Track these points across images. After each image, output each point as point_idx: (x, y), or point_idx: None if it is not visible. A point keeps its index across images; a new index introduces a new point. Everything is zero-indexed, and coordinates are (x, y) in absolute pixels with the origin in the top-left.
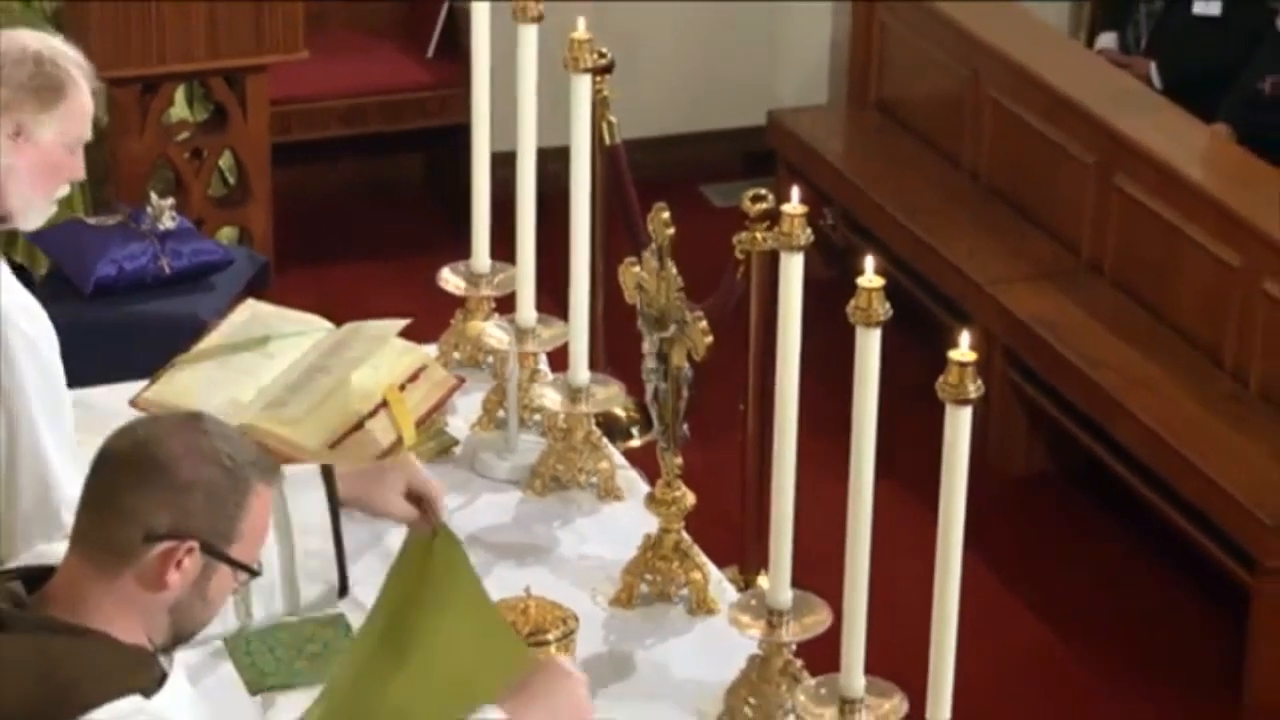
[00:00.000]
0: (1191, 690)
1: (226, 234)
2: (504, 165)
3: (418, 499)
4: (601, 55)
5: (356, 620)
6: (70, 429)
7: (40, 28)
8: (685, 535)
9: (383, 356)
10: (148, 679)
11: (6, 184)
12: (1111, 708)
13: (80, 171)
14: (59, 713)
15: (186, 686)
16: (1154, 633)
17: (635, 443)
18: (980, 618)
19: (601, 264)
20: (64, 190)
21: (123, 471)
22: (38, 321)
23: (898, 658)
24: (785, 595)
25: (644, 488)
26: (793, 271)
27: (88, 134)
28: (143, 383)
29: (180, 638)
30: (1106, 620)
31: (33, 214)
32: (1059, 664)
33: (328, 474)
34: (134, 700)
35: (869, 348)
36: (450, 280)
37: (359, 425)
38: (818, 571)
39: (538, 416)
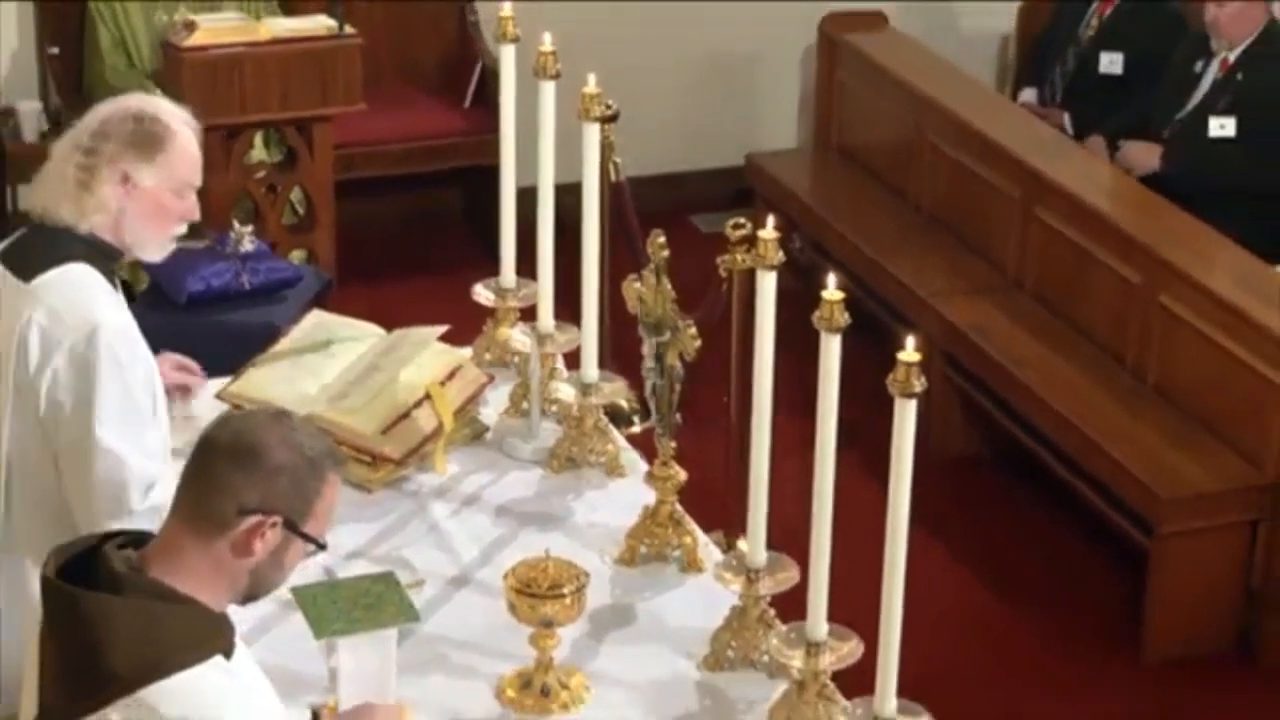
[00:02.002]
0: (1097, 641)
1: (297, 255)
2: (527, 198)
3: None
4: (608, 107)
5: (405, 578)
6: (154, 432)
7: (142, 84)
8: (678, 506)
9: (426, 357)
10: (228, 642)
11: (121, 224)
12: (1023, 650)
13: (193, 213)
14: (155, 671)
15: (239, 642)
16: (1068, 590)
17: (636, 429)
18: (923, 573)
19: (608, 280)
20: (181, 229)
21: (223, 455)
22: (129, 339)
23: (855, 608)
24: (761, 556)
25: (643, 466)
26: (767, 286)
27: (196, 180)
28: (227, 379)
29: (255, 595)
30: (1029, 576)
31: (151, 249)
32: (985, 611)
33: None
34: (218, 661)
35: (831, 350)
36: (482, 294)
37: (407, 414)
38: (789, 536)
39: (555, 407)
